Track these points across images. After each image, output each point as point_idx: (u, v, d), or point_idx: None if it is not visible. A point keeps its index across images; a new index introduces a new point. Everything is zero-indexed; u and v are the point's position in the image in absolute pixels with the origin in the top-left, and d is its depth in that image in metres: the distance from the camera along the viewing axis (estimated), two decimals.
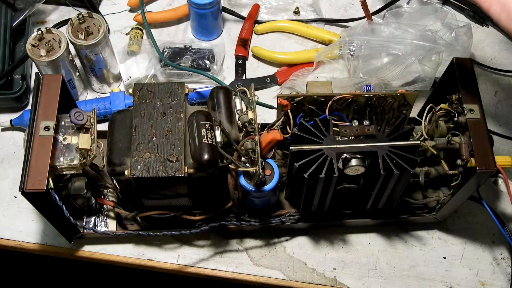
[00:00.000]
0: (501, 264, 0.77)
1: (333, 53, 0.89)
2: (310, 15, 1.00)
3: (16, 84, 0.86)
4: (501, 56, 0.97)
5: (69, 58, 0.81)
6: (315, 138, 0.64)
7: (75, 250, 0.76)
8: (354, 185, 0.67)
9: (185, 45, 0.92)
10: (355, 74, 0.87)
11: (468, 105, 0.66)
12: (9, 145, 0.85)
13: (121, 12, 0.99)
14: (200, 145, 0.62)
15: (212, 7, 0.91)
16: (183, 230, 0.70)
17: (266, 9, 1.01)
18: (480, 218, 0.80)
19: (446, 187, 0.73)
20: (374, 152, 0.63)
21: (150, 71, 0.88)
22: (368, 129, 0.65)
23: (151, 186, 0.64)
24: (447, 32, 0.87)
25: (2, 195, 0.80)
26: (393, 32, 0.86)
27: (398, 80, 0.84)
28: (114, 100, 0.85)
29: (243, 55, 0.95)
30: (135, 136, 0.64)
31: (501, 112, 0.91)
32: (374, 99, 0.69)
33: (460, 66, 0.70)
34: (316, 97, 0.68)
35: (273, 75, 0.93)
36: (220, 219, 0.73)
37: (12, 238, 0.77)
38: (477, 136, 0.64)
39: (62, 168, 0.64)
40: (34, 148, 0.62)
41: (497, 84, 0.94)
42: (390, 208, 0.73)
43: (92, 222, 0.75)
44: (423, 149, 0.71)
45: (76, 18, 0.80)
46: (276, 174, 0.68)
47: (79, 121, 0.65)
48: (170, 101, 0.66)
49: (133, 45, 0.93)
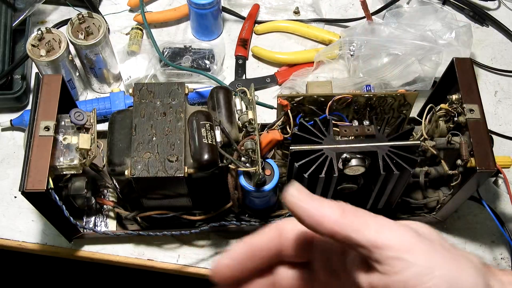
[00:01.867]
0: (501, 264, 0.77)
1: (333, 53, 0.89)
2: (310, 15, 1.00)
3: (16, 84, 0.86)
4: (501, 56, 0.97)
5: (69, 58, 0.81)
6: (315, 138, 0.64)
7: (75, 250, 0.76)
8: (354, 185, 0.67)
9: (185, 45, 0.92)
10: (355, 74, 0.87)
11: (468, 105, 0.66)
12: (9, 145, 0.85)
13: (121, 12, 0.99)
14: (200, 145, 0.62)
15: (212, 7, 0.91)
16: (183, 230, 0.70)
17: (266, 9, 1.01)
18: (480, 218, 0.80)
19: (446, 187, 0.73)
20: (374, 152, 0.63)
21: (150, 71, 0.88)
22: (368, 129, 0.65)
23: (151, 186, 0.64)
24: (447, 32, 0.87)
25: (2, 195, 0.80)
26: (393, 32, 0.86)
27: (398, 80, 0.84)
28: (114, 100, 0.85)
29: (243, 55, 0.95)
30: (135, 136, 0.64)
31: (501, 112, 0.91)
32: (374, 99, 0.69)
33: (460, 66, 0.69)
34: (316, 97, 0.68)
35: (273, 75, 0.93)
36: (220, 219, 0.73)
37: (12, 238, 0.77)
38: (477, 136, 0.64)
39: (62, 168, 0.64)
40: (34, 148, 0.62)
41: (497, 84, 0.94)
42: (390, 208, 0.73)
43: (92, 222, 0.75)
44: (423, 149, 0.71)
45: (76, 18, 0.80)
46: (276, 174, 0.68)
47: (79, 121, 0.65)
48: (170, 101, 0.66)
49: (133, 45, 0.93)
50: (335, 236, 0.33)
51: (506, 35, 0.99)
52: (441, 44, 0.84)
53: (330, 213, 0.33)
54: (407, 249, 0.32)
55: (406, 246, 0.32)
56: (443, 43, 0.85)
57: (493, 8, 1.02)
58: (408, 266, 0.31)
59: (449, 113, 0.69)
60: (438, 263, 0.32)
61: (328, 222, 0.33)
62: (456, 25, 0.88)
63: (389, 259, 0.32)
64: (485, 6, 1.01)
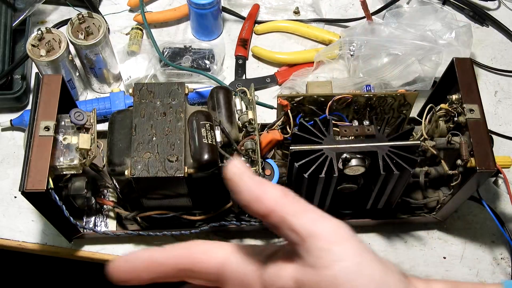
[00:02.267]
0: (501, 264, 0.77)
1: (333, 53, 0.89)
2: (310, 15, 1.00)
3: (16, 84, 0.86)
4: (501, 56, 0.97)
5: (69, 58, 0.81)
6: (315, 138, 0.64)
7: (75, 250, 0.76)
8: (354, 185, 0.67)
9: (185, 45, 0.92)
10: (355, 74, 0.87)
11: (468, 105, 0.66)
12: (9, 145, 0.85)
13: (121, 12, 0.99)
14: (200, 145, 0.62)
15: (212, 7, 0.91)
16: (183, 230, 0.70)
17: (266, 9, 1.01)
18: (480, 218, 0.80)
19: (446, 187, 0.73)
20: (374, 152, 0.63)
21: (150, 71, 0.88)
22: (368, 129, 0.65)
23: (151, 186, 0.64)
24: (447, 32, 0.87)
25: (2, 195, 0.80)
26: (393, 32, 0.86)
27: (398, 80, 0.84)
28: (114, 100, 0.85)
29: (243, 55, 0.95)
30: (135, 136, 0.64)
31: (501, 112, 0.91)
32: (374, 99, 0.69)
33: (460, 66, 0.69)
34: (316, 97, 0.68)
35: (273, 75, 0.93)
36: (220, 219, 0.73)
37: (12, 238, 0.77)
38: (477, 136, 0.64)
39: (62, 168, 0.64)
40: (34, 148, 0.62)
41: (497, 84, 0.94)
42: (390, 208, 0.73)
43: (92, 222, 0.75)
44: (423, 149, 0.71)
45: (76, 18, 0.80)
46: (276, 174, 0.68)
47: (79, 121, 0.65)
48: (170, 101, 0.66)
49: (133, 45, 0.93)
50: (270, 215, 0.33)
51: (506, 35, 0.99)
52: (441, 44, 0.84)
53: (272, 191, 0.33)
54: (339, 242, 0.31)
55: (338, 239, 0.32)
56: (443, 43, 0.85)
57: (493, 8, 1.02)
58: (337, 260, 0.31)
59: (449, 113, 0.69)
60: (367, 262, 0.31)
61: (268, 199, 0.33)
62: (456, 25, 0.88)
63: (320, 250, 0.31)
64: (485, 6, 1.01)
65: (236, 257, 0.35)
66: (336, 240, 0.32)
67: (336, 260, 0.31)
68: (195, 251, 0.36)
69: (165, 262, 0.36)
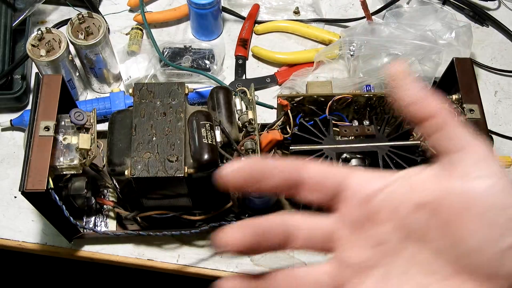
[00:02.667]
0: None
1: (333, 53, 0.89)
2: (310, 15, 1.00)
3: (16, 84, 0.86)
4: (501, 56, 0.97)
5: (69, 58, 0.81)
6: (315, 138, 0.64)
7: (75, 250, 0.76)
8: None
9: (185, 45, 0.92)
10: (355, 74, 0.87)
11: (468, 105, 0.66)
12: (9, 145, 0.85)
13: (121, 12, 0.99)
14: (200, 145, 0.62)
15: (212, 7, 0.91)
16: (183, 230, 0.70)
17: (266, 9, 1.01)
18: None
19: None
20: (374, 152, 0.63)
21: (150, 71, 0.88)
22: (368, 129, 0.65)
23: (151, 186, 0.64)
24: (447, 32, 0.87)
25: (2, 195, 0.80)
26: (393, 32, 0.86)
27: None
28: (114, 100, 0.85)
29: (243, 55, 0.95)
30: (135, 136, 0.64)
31: (501, 112, 0.91)
32: (374, 99, 0.69)
33: (460, 66, 0.70)
34: (316, 97, 0.68)
35: (273, 75, 0.93)
36: (220, 219, 0.73)
37: (12, 238, 0.77)
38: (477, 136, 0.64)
39: (62, 168, 0.64)
40: (34, 148, 0.62)
41: (497, 84, 0.94)
42: None
43: (92, 222, 0.75)
44: (423, 149, 0.71)
45: (76, 18, 0.80)
46: None
47: (79, 121, 0.65)
48: (170, 101, 0.66)
49: (133, 45, 0.93)
50: (436, 116, 0.32)
51: (506, 35, 0.99)
52: (441, 44, 0.84)
53: (433, 96, 0.32)
54: (493, 159, 0.31)
55: (492, 156, 0.32)
56: (443, 43, 0.85)
57: (493, 8, 1.02)
58: (489, 175, 0.30)
59: None
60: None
61: (435, 101, 0.32)
62: (456, 25, 0.88)
63: (477, 162, 0.31)
64: (485, 6, 1.01)
65: (359, 173, 0.33)
66: (491, 156, 0.31)
67: (488, 175, 0.30)
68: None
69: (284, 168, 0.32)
